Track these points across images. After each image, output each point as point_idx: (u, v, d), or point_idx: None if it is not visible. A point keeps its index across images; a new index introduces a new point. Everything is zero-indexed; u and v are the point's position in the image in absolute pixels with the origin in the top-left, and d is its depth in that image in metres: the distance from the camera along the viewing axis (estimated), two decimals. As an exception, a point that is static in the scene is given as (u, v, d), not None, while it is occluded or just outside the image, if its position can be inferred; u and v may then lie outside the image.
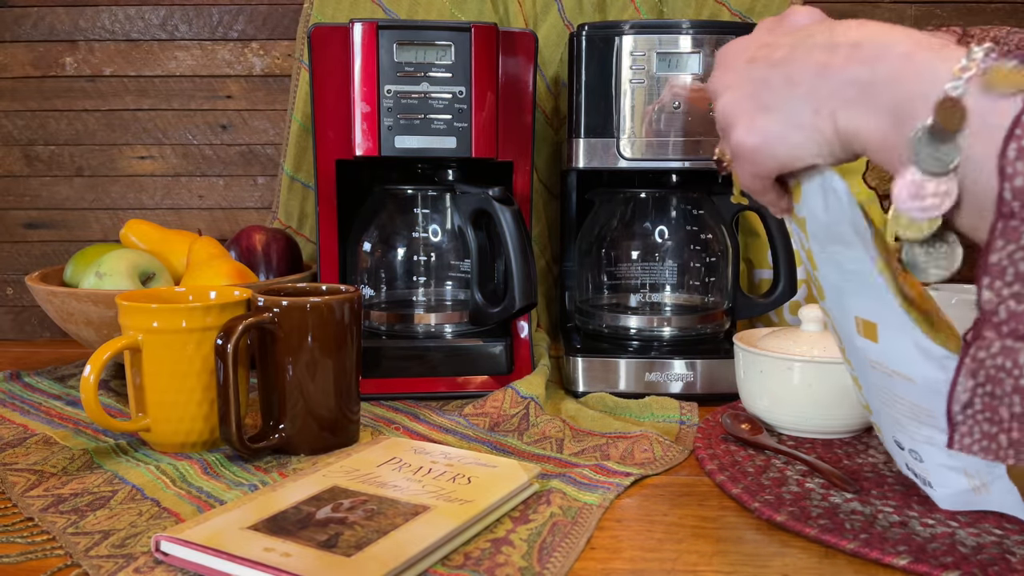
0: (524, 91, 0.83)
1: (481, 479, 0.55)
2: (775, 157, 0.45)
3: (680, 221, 0.88)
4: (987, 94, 0.36)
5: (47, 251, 1.13)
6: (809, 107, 0.42)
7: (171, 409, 0.64)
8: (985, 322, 0.37)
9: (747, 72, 0.45)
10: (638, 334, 0.85)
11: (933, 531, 0.50)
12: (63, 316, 0.82)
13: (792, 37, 0.44)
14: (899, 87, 0.39)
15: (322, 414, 0.65)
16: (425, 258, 0.88)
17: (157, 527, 0.52)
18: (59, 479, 0.60)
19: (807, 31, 0.44)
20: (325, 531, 0.47)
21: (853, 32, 0.42)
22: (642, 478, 0.61)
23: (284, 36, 1.10)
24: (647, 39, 0.78)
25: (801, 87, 0.42)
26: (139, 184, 1.12)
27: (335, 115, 0.80)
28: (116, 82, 1.11)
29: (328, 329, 0.64)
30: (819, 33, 0.43)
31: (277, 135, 1.12)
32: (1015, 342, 0.36)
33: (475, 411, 0.74)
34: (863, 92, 0.40)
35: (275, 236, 0.95)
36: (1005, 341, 0.37)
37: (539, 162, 1.05)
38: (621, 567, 0.48)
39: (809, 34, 0.43)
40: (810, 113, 0.42)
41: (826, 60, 0.42)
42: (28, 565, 0.48)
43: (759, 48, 0.45)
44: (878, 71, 0.40)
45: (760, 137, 0.45)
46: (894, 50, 0.40)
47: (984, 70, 0.36)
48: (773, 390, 0.68)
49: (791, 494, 0.56)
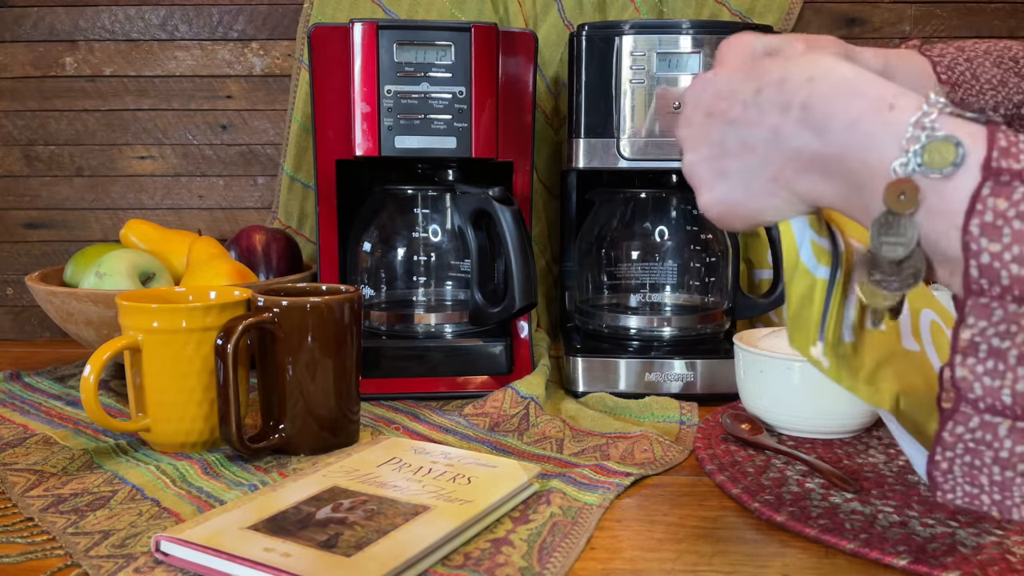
0: (524, 91, 0.83)
1: (481, 479, 0.55)
2: (741, 220, 0.45)
3: (680, 221, 0.88)
4: (932, 171, 0.35)
5: (47, 251, 1.13)
6: (766, 173, 0.42)
7: (171, 409, 0.64)
8: (961, 398, 0.37)
9: (705, 130, 0.44)
10: (638, 334, 0.85)
11: (933, 531, 0.50)
12: (63, 316, 0.82)
13: (747, 86, 0.42)
14: (848, 160, 0.38)
15: (322, 414, 0.65)
16: (425, 258, 0.88)
17: (157, 527, 0.52)
18: (59, 479, 0.60)
19: (761, 78, 0.42)
20: (325, 531, 0.47)
21: (804, 87, 0.40)
22: (642, 478, 0.61)
23: (284, 36, 1.10)
24: (647, 39, 0.78)
25: (756, 153, 0.42)
26: (139, 184, 1.12)
27: (335, 115, 0.80)
28: (116, 82, 1.11)
29: (328, 329, 0.64)
30: (770, 86, 0.41)
31: (277, 135, 1.12)
32: (993, 417, 0.36)
33: (475, 411, 0.74)
34: (815, 160, 0.40)
35: (275, 236, 0.95)
36: (983, 416, 0.36)
37: (539, 162, 1.05)
38: (621, 567, 0.48)
39: (761, 85, 0.41)
40: (767, 180, 0.42)
41: (778, 124, 0.40)
42: (28, 565, 0.48)
43: (716, 99, 0.44)
44: (827, 140, 0.39)
45: (722, 207, 0.45)
46: (841, 117, 0.38)
47: (926, 145, 0.35)
48: (773, 390, 0.68)
49: (791, 494, 0.56)
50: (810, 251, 0.44)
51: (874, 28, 1.09)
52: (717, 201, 0.45)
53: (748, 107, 0.42)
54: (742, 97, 0.42)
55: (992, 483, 0.37)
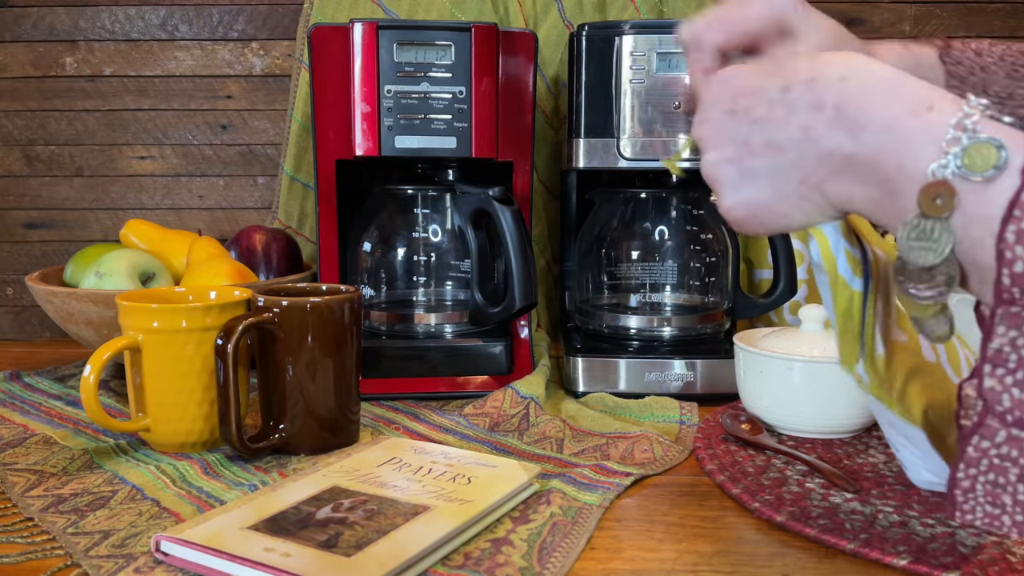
0: (524, 91, 0.83)
1: (481, 479, 0.55)
2: (765, 226, 0.43)
3: (680, 221, 0.88)
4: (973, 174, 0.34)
5: (47, 251, 1.13)
6: (796, 176, 0.40)
7: (171, 409, 0.64)
8: (988, 411, 0.35)
9: (727, 128, 0.42)
10: (638, 334, 0.85)
11: (933, 531, 0.50)
12: (63, 316, 0.82)
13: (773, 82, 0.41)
14: (883, 162, 0.37)
15: (322, 414, 0.65)
16: (425, 258, 0.88)
17: (157, 527, 0.52)
18: (59, 479, 0.60)
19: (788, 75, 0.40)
20: (325, 531, 0.47)
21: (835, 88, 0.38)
22: (642, 478, 0.61)
23: (284, 36, 1.10)
24: (647, 39, 0.78)
25: (785, 154, 0.40)
26: (139, 184, 1.12)
27: (335, 115, 0.80)
28: (116, 82, 1.11)
29: (328, 329, 0.64)
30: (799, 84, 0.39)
31: (277, 135, 1.12)
32: (1021, 431, 0.35)
33: (475, 411, 0.74)
34: (848, 163, 0.38)
35: (275, 236, 0.95)
36: (1011, 430, 0.35)
37: (539, 162, 1.05)
38: (621, 567, 0.48)
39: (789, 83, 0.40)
40: (796, 183, 0.40)
41: (809, 123, 0.39)
42: (28, 565, 0.48)
43: (738, 96, 0.42)
44: (861, 143, 0.37)
45: (747, 209, 0.43)
46: (876, 119, 0.37)
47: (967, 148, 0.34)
48: (773, 390, 0.68)
49: (791, 494, 0.56)
50: (845, 262, 0.43)
51: (874, 28, 1.09)
52: (743, 203, 0.42)
53: (774, 105, 0.40)
54: (768, 95, 0.40)
55: (1016, 503, 0.36)
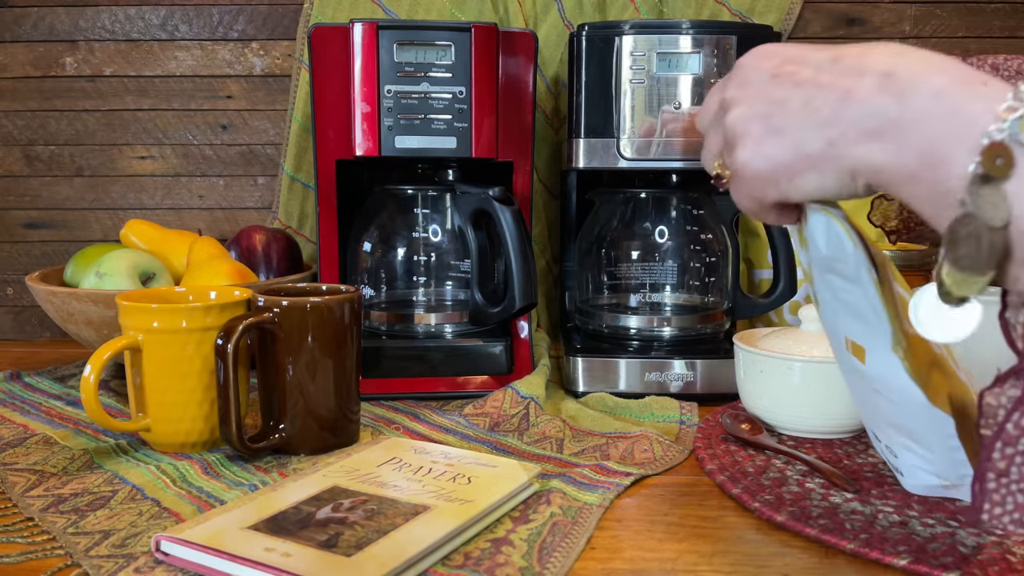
0: (524, 91, 0.83)
1: (481, 479, 0.55)
2: (777, 187, 0.42)
3: (680, 221, 0.88)
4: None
5: (47, 251, 1.13)
6: (823, 137, 0.40)
7: (171, 409, 0.64)
8: None
9: (767, 88, 0.42)
10: (638, 334, 0.85)
11: (933, 531, 0.50)
12: (63, 316, 0.82)
13: (822, 54, 0.41)
14: (929, 127, 0.36)
15: (322, 414, 0.65)
16: (425, 258, 0.88)
17: (157, 527, 0.52)
18: (59, 479, 0.60)
19: (840, 51, 0.41)
20: (325, 531, 0.47)
21: (888, 59, 0.39)
22: (642, 478, 0.61)
23: (284, 36, 1.10)
24: (647, 39, 0.78)
25: (820, 113, 0.40)
26: (139, 184, 1.12)
27: (335, 115, 0.80)
28: (116, 82, 1.11)
29: (328, 329, 0.64)
30: (850, 56, 0.40)
31: (277, 135, 1.12)
32: None
33: (475, 411, 0.74)
34: (888, 126, 0.38)
35: (275, 236, 0.95)
36: None
37: (539, 162, 1.05)
38: (621, 567, 0.48)
39: (840, 55, 0.41)
40: (823, 143, 0.40)
41: (852, 87, 0.39)
42: (28, 565, 0.48)
43: (785, 63, 0.42)
44: (907, 106, 0.37)
45: (766, 163, 0.42)
46: (927, 85, 0.37)
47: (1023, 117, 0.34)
48: (773, 390, 0.68)
49: (791, 494, 0.56)
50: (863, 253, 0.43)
51: (874, 28, 1.09)
52: (762, 156, 0.42)
53: (821, 70, 0.40)
54: (815, 61, 0.41)
55: None
